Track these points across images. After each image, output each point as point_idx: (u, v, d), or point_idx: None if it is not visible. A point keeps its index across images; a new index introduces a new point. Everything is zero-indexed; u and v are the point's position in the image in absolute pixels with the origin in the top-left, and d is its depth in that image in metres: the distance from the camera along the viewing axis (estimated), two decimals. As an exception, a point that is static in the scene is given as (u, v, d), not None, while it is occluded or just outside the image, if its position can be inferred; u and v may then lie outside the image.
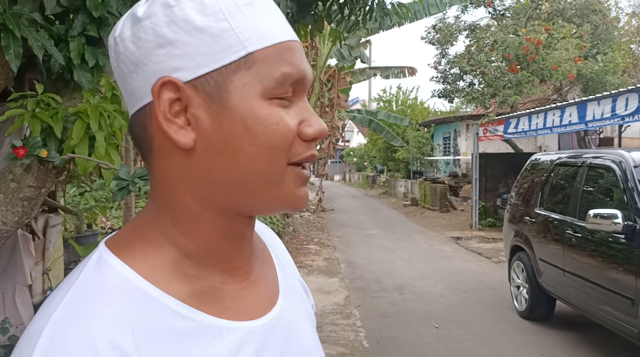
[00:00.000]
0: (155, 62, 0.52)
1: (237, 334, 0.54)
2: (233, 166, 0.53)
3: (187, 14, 0.51)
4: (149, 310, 0.50)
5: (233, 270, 0.58)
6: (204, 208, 0.55)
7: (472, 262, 8.73)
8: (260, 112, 0.52)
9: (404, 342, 4.86)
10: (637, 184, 3.99)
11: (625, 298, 3.79)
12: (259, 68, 0.52)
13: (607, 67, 11.25)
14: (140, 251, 0.53)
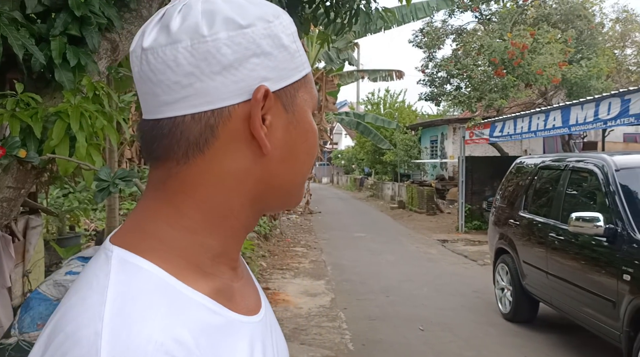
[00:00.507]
0: (249, 69, 0.55)
1: (250, 328, 0.58)
2: (291, 171, 0.59)
3: (278, 31, 0.57)
4: (190, 308, 0.51)
5: (236, 268, 0.61)
6: (248, 207, 0.58)
7: (458, 265, 8.77)
8: (314, 127, 0.61)
9: (389, 345, 4.86)
10: (619, 187, 4.04)
11: (606, 300, 3.83)
12: (309, 87, 0.61)
13: (591, 72, 11.40)
14: (163, 251, 0.54)
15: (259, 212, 0.60)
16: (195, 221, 0.56)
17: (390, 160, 22.49)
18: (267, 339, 0.61)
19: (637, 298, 3.49)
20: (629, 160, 4.39)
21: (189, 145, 0.55)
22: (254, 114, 0.55)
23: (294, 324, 5.38)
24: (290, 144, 0.58)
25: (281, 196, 0.60)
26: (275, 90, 0.56)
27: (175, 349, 0.46)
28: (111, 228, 4.52)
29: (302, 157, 0.60)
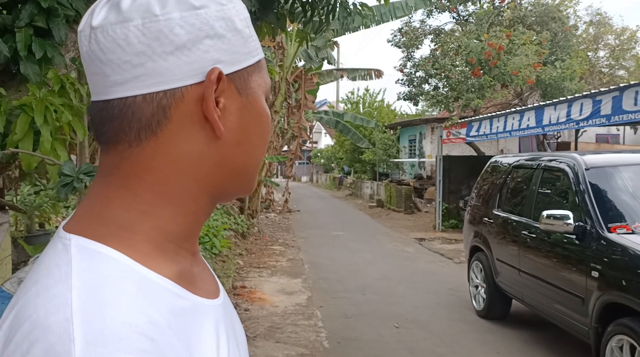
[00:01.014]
0: (202, 51, 0.54)
1: (214, 311, 0.59)
2: (245, 155, 0.59)
3: (232, 15, 0.57)
4: (156, 292, 0.51)
5: (195, 253, 0.61)
6: (204, 192, 0.58)
7: (434, 263, 8.85)
8: (267, 111, 0.62)
9: (364, 343, 4.88)
10: (588, 186, 4.11)
11: (576, 297, 3.91)
12: (262, 73, 0.61)
13: (565, 73, 11.61)
14: (123, 237, 0.53)
15: (216, 196, 0.60)
16: (152, 205, 0.55)
17: (369, 160, 22.59)
18: (228, 322, 0.62)
19: (605, 294, 3.56)
20: (599, 159, 4.48)
21: (140, 127, 0.54)
22: (207, 96, 0.54)
23: (269, 323, 5.36)
24: (244, 127, 0.58)
25: (236, 180, 0.60)
26: (228, 73, 0.56)
27: (150, 330, 0.46)
28: (82, 225, 4.42)
29: (256, 140, 0.60)
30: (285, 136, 16.24)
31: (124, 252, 0.51)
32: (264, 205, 16.56)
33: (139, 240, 0.53)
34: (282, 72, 12.53)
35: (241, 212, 11.87)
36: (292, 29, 11.12)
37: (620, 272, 3.49)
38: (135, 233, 0.53)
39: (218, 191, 0.59)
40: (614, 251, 3.61)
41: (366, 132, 22.30)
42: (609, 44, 15.55)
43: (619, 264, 3.54)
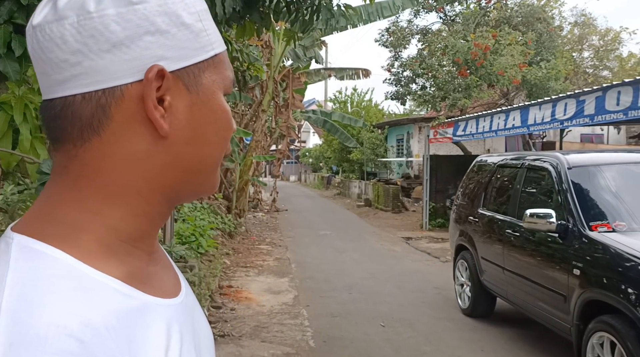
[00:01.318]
0: (142, 48, 0.53)
1: (167, 310, 0.57)
2: (198, 154, 0.58)
3: (177, 9, 0.55)
4: (99, 292, 0.50)
5: (152, 253, 0.61)
6: (156, 191, 0.57)
7: (421, 262, 8.90)
8: (224, 107, 0.59)
9: (349, 341, 4.89)
10: (571, 185, 4.16)
11: (558, 295, 3.95)
12: (220, 68, 0.59)
13: (550, 73, 11.73)
14: (70, 236, 0.52)
15: (171, 196, 0.59)
16: (102, 205, 0.54)
17: (357, 159, 22.62)
18: (187, 322, 0.61)
19: (586, 292, 3.61)
20: (581, 158, 4.53)
21: (82, 126, 0.53)
22: (146, 94, 0.53)
23: (255, 322, 5.35)
24: (195, 125, 0.57)
25: (191, 179, 0.59)
26: (174, 70, 0.55)
27: (81, 332, 0.45)
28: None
29: (211, 138, 0.58)
30: (274, 135, 16.22)
31: (69, 252, 0.50)
32: (251, 204, 16.52)
33: (88, 240, 0.53)
34: (270, 71, 12.51)
35: (228, 211, 11.83)
36: (279, 28, 11.10)
37: (601, 270, 3.53)
38: (84, 233, 0.53)
39: (172, 191, 0.58)
40: (595, 249, 3.66)
41: (354, 131, 22.33)
42: (593, 44, 15.74)
43: (600, 262, 3.59)
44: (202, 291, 5.46)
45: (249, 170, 12.96)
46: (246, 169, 12.79)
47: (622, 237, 3.58)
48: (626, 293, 3.23)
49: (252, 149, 12.94)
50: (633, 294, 3.18)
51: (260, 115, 13.06)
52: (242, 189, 12.90)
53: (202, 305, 5.27)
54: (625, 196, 4.07)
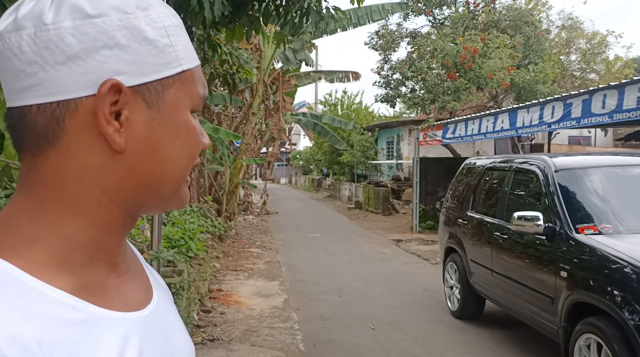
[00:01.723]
0: (99, 62, 0.53)
1: (125, 324, 0.56)
2: (157, 169, 0.57)
3: (140, 24, 0.55)
4: (40, 304, 0.49)
5: (115, 264, 0.60)
6: (116, 203, 0.57)
7: (410, 264, 8.92)
8: (189, 124, 0.59)
9: (339, 344, 4.89)
10: (558, 188, 4.20)
11: (545, 297, 3.98)
12: (188, 85, 0.59)
13: (538, 76, 11.82)
14: (20, 247, 0.52)
15: (132, 208, 0.59)
16: (59, 215, 0.54)
17: (347, 161, 22.66)
18: (154, 335, 0.59)
19: (573, 294, 3.64)
20: (568, 161, 4.58)
21: (38, 137, 0.54)
22: (98, 109, 0.53)
23: (245, 326, 5.34)
24: (154, 141, 0.56)
25: (153, 193, 0.58)
26: (133, 85, 0.55)
27: (9, 347, 0.44)
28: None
29: (172, 154, 0.58)
30: (264, 138, 16.19)
31: (16, 263, 0.50)
32: (241, 207, 16.48)
33: (39, 250, 0.52)
34: (260, 73, 12.50)
35: (218, 214, 11.79)
36: (269, 31, 11.10)
37: (588, 272, 3.57)
38: (37, 244, 0.52)
39: (134, 203, 0.58)
40: (582, 251, 3.69)
41: (344, 134, 22.38)
42: (580, 48, 15.90)
43: (587, 264, 3.62)
44: (192, 294, 5.43)
45: (239, 173, 12.93)
46: (236, 171, 12.76)
47: (608, 240, 3.62)
48: (612, 295, 3.26)
49: (242, 151, 12.91)
50: (619, 296, 3.22)
51: (250, 118, 13.04)
52: (232, 192, 12.87)
53: (191, 309, 5.24)
54: (612, 199, 4.11)
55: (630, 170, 4.41)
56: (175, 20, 0.58)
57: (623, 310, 3.14)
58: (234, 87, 6.27)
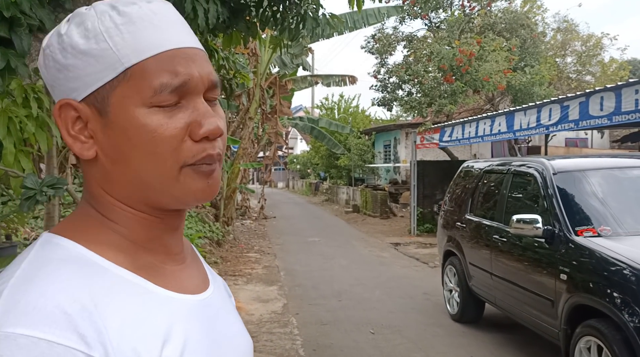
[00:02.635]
0: (59, 85, 0.60)
1: (177, 303, 0.62)
2: (128, 171, 0.60)
3: (73, 40, 0.59)
4: (101, 277, 0.57)
5: (170, 254, 0.66)
6: (125, 204, 0.62)
7: (409, 268, 8.91)
8: (139, 122, 0.58)
9: (339, 349, 4.88)
10: (556, 190, 4.21)
11: (545, 299, 3.98)
12: (136, 80, 0.58)
13: (534, 79, 11.86)
14: (85, 232, 0.61)
15: (146, 206, 0.63)
16: (100, 214, 0.63)
17: (344, 165, 22.65)
18: (202, 319, 0.65)
19: (573, 297, 3.64)
20: (566, 164, 4.58)
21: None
22: (60, 127, 0.61)
23: (244, 331, 5.31)
24: (113, 146, 0.60)
25: (146, 191, 0.61)
26: (83, 98, 0.59)
27: (70, 306, 0.51)
28: (50, 237, 4.31)
29: (133, 156, 0.59)
30: (261, 142, 16.18)
31: (82, 244, 0.59)
32: (239, 212, 16.44)
33: (101, 236, 0.61)
34: (257, 78, 12.51)
35: (216, 219, 11.76)
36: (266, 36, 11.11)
37: (588, 275, 3.57)
38: (99, 233, 0.61)
39: (139, 201, 0.62)
40: (581, 253, 3.69)
41: (341, 137, 22.38)
42: (575, 50, 15.97)
43: (586, 266, 3.62)
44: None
45: (236, 177, 12.91)
46: (234, 176, 12.74)
47: (607, 242, 3.62)
48: (612, 297, 3.26)
49: (239, 156, 12.90)
50: (618, 298, 3.22)
51: (247, 122, 13.04)
52: (229, 197, 12.84)
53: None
54: (610, 201, 4.12)
55: (629, 172, 4.42)
56: (120, 20, 0.59)
57: (623, 312, 3.14)
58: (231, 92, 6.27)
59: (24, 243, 6.10)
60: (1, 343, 0.48)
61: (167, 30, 0.60)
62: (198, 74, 0.60)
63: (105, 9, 0.59)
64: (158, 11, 0.61)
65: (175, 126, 0.59)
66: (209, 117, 0.60)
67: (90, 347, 0.51)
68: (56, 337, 0.49)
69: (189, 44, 0.62)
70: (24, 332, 0.49)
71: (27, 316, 0.50)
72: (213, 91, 0.63)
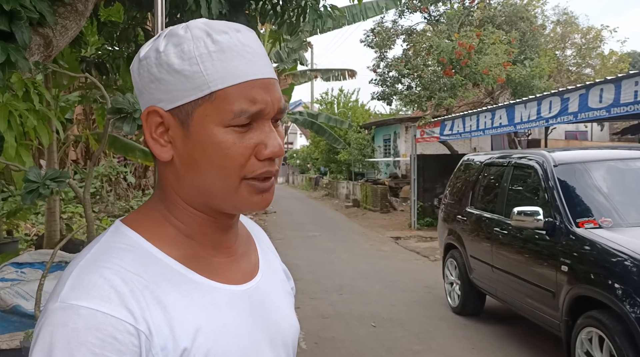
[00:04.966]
0: (149, 93, 0.69)
1: (222, 293, 0.71)
2: (197, 177, 0.69)
3: (170, 59, 0.67)
4: (153, 265, 0.67)
5: (221, 248, 0.75)
6: (188, 204, 0.72)
7: (410, 261, 8.93)
8: (215, 139, 0.67)
9: (341, 342, 4.89)
10: (557, 182, 4.21)
11: (546, 291, 3.99)
12: (219, 103, 0.66)
13: (534, 72, 11.84)
14: (148, 225, 0.71)
15: (205, 208, 0.72)
16: (165, 208, 0.73)
17: (344, 160, 22.64)
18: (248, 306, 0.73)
19: (574, 288, 3.65)
20: (567, 156, 4.58)
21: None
22: (144, 129, 0.70)
23: (246, 325, 5.33)
24: (188, 154, 0.69)
25: (207, 197, 0.71)
26: (169, 109, 0.68)
27: (121, 285, 0.63)
28: (51, 233, 4.33)
29: (203, 166, 0.68)
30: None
31: (142, 234, 0.70)
32: (239, 207, 16.45)
33: (160, 229, 0.71)
34: (256, 73, 12.47)
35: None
36: (264, 30, 11.07)
37: (589, 266, 3.57)
38: (159, 225, 0.72)
39: (199, 203, 0.72)
40: (582, 245, 3.70)
41: (341, 132, 22.36)
42: (575, 42, 15.93)
43: (587, 258, 3.63)
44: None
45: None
46: (234, 171, 12.74)
47: (608, 233, 3.63)
48: (613, 288, 3.27)
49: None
50: (620, 289, 3.22)
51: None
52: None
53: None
54: (611, 192, 4.12)
55: (629, 163, 4.42)
56: (213, 47, 0.67)
57: (624, 303, 3.15)
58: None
59: (25, 239, 6.11)
60: (67, 312, 0.60)
61: (251, 61, 0.68)
62: (271, 102, 0.69)
63: (201, 35, 0.68)
64: (246, 42, 0.69)
65: (246, 146, 0.67)
66: (273, 139, 0.69)
67: (137, 321, 0.62)
68: (110, 310, 0.61)
69: (267, 74, 0.70)
70: (85, 305, 0.60)
71: (88, 293, 0.61)
72: (279, 114, 0.71)
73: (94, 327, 0.59)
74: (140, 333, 0.61)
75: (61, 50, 2.61)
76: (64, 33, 2.53)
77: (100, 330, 0.60)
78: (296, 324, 0.84)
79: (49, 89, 2.48)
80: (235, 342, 0.69)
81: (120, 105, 1.88)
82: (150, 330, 0.62)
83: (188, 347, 0.65)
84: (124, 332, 0.60)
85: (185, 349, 0.64)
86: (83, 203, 2.28)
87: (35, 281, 3.14)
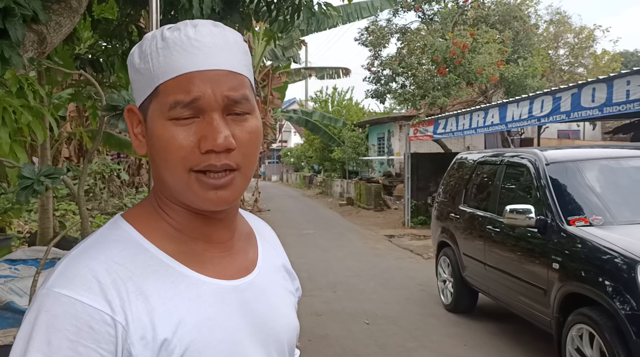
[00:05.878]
0: (132, 92, 0.76)
1: (211, 287, 0.71)
2: (157, 172, 0.73)
3: (134, 59, 0.73)
4: (143, 256, 0.69)
5: (214, 243, 0.76)
6: (167, 198, 0.74)
7: (404, 259, 8.96)
8: (158, 132, 0.70)
9: (335, 340, 4.91)
10: (549, 180, 4.24)
11: (538, 288, 4.02)
12: (161, 97, 0.69)
13: (527, 71, 11.90)
14: (144, 219, 0.74)
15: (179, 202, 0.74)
16: (156, 203, 0.76)
17: (338, 158, 22.66)
18: (239, 301, 0.74)
19: (565, 285, 3.68)
20: (559, 155, 4.62)
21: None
22: (127, 126, 0.75)
23: (240, 323, 5.34)
24: (149, 149, 0.73)
25: (171, 191, 0.73)
26: (139, 106, 0.73)
27: (103, 276, 0.65)
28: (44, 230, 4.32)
29: (157, 160, 0.71)
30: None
31: (136, 228, 0.72)
32: (233, 205, 16.41)
33: (154, 223, 0.73)
34: (250, 71, 12.46)
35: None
36: (259, 28, 11.07)
37: (580, 264, 3.61)
38: (153, 220, 0.74)
39: (175, 199, 0.74)
40: (573, 243, 3.74)
41: (335, 130, 22.37)
42: (568, 42, 16.02)
43: (578, 255, 3.66)
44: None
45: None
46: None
47: (598, 231, 3.66)
48: (603, 285, 3.31)
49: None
50: (610, 286, 3.26)
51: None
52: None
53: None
54: (602, 191, 4.16)
55: (621, 162, 4.46)
56: (162, 44, 0.70)
57: (614, 300, 3.19)
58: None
59: (18, 236, 6.08)
60: (50, 298, 0.63)
61: (194, 54, 0.68)
62: (211, 93, 0.68)
63: (157, 34, 0.71)
64: (195, 36, 0.69)
65: (186, 138, 0.68)
66: (217, 132, 0.67)
67: (115, 312, 0.63)
68: (89, 300, 0.63)
69: (213, 66, 0.69)
70: (66, 293, 0.63)
71: (71, 282, 0.64)
72: (235, 106, 0.70)
73: (72, 315, 0.62)
74: (117, 323, 0.63)
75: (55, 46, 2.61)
76: (58, 30, 2.52)
77: (77, 318, 0.61)
78: (295, 322, 0.84)
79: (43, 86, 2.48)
80: (219, 335, 0.70)
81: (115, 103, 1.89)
82: (127, 320, 0.64)
83: (169, 337, 0.65)
84: (100, 322, 0.62)
85: (165, 340, 0.65)
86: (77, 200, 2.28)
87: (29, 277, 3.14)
